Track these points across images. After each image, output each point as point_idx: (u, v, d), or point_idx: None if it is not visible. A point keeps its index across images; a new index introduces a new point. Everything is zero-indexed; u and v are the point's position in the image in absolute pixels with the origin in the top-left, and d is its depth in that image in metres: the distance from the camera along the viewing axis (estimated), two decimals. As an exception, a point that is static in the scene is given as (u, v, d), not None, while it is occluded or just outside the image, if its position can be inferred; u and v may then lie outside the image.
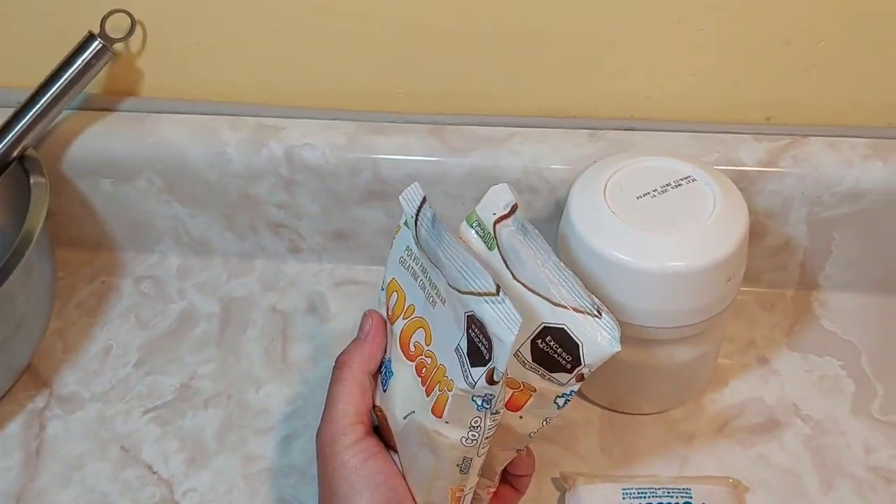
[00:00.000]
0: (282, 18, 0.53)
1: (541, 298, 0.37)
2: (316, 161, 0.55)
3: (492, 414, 0.35)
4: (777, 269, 0.56)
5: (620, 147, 0.53)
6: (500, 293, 0.33)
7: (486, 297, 0.33)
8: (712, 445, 0.49)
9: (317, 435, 0.39)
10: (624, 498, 0.44)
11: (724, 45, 0.50)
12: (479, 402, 0.34)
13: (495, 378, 0.33)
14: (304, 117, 0.56)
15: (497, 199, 0.41)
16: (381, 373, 0.40)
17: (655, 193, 0.44)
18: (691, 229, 0.42)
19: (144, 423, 0.52)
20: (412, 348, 0.38)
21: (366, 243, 0.60)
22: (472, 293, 0.34)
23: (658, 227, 0.42)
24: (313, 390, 0.53)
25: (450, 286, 0.35)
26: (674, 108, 0.54)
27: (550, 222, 0.54)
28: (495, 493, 0.42)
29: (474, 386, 0.33)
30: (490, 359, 0.33)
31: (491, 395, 0.34)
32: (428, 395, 0.36)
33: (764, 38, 0.50)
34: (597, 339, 0.36)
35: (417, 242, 0.38)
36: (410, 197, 0.40)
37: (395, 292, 0.41)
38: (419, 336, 0.38)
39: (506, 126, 0.55)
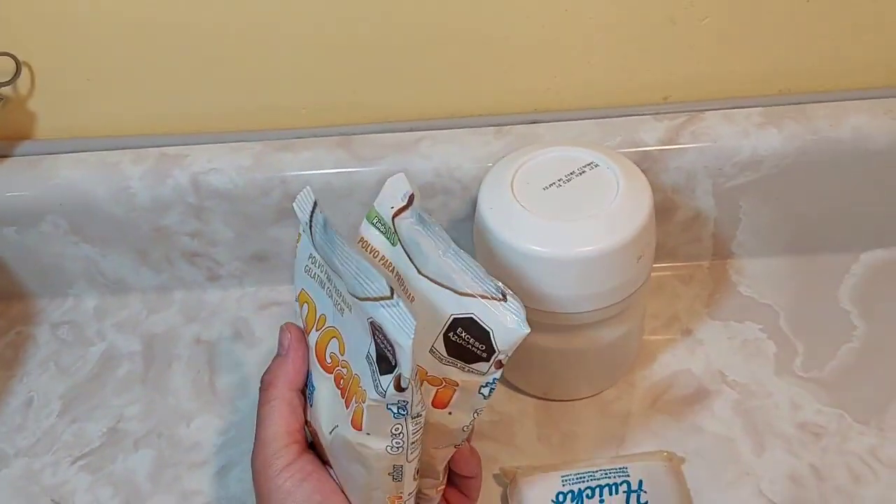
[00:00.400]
0: (174, 46, 0.52)
1: (447, 290, 0.37)
2: (224, 185, 0.54)
3: (412, 419, 0.34)
4: (691, 241, 0.58)
5: (526, 140, 0.53)
6: (395, 296, 0.32)
7: (382, 302, 0.33)
8: (647, 421, 0.50)
9: (251, 461, 0.38)
10: (563, 485, 0.45)
11: (612, 31, 0.51)
12: (395, 410, 0.34)
13: (402, 385, 0.32)
14: (207, 142, 0.56)
15: (394, 191, 0.40)
16: (306, 387, 0.40)
17: (561, 183, 0.45)
18: (597, 214, 0.43)
19: (74, 473, 0.51)
20: (328, 360, 0.37)
21: (286, 263, 0.59)
22: (369, 299, 0.33)
23: (566, 215, 0.43)
24: (245, 418, 0.53)
25: (349, 293, 0.35)
26: (574, 97, 0.55)
27: (468, 221, 0.54)
28: (447, 500, 0.42)
29: (384, 395, 0.33)
30: (396, 364, 0.32)
31: (404, 401, 0.33)
32: (347, 408, 0.35)
33: (650, 20, 0.51)
34: (505, 324, 0.35)
35: (316, 249, 0.37)
36: (303, 203, 0.38)
37: (305, 303, 0.40)
38: (333, 346, 0.37)
39: (412, 131, 0.55)
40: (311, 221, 0.38)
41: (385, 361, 0.33)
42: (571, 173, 0.45)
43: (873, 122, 0.52)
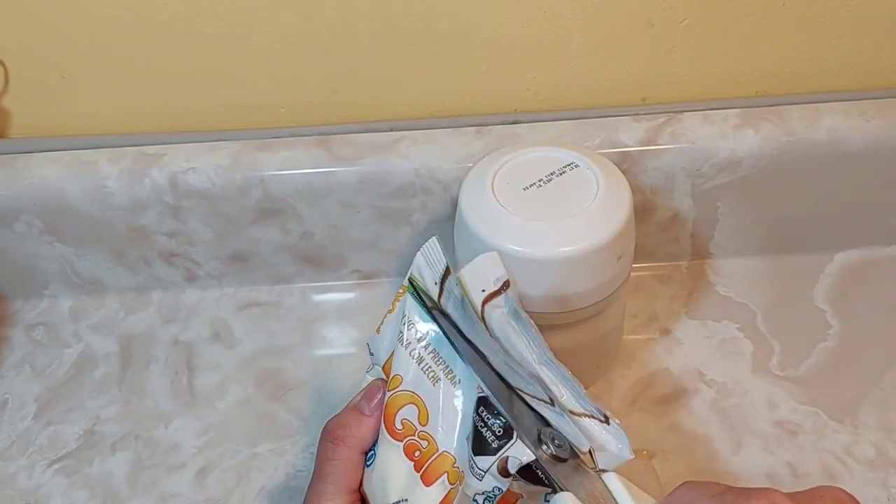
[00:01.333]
0: (150, 44, 0.51)
1: (543, 404, 0.33)
2: (202, 185, 0.54)
3: None
4: (670, 242, 0.58)
5: (507, 141, 0.53)
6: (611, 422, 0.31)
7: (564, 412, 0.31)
8: (626, 420, 0.50)
9: None
10: (544, 484, 0.45)
11: (591, 32, 0.52)
12: (481, 501, 0.31)
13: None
14: (185, 141, 0.55)
15: (485, 271, 0.35)
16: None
17: (541, 183, 0.45)
18: (577, 214, 0.43)
19: (50, 476, 0.50)
20: (399, 426, 0.35)
21: (265, 263, 0.58)
22: (544, 401, 0.31)
23: (546, 215, 0.43)
24: (224, 419, 0.52)
25: (505, 381, 0.32)
26: (554, 98, 0.55)
27: (449, 221, 0.54)
28: None
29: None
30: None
31: (500, 489, 0.31)
32: (427, 485, 0.33)
33: (628, 22, 0.51)
34: (608, 448, 0.32)
35: (436, 308, 0.34)
36: (433, 259, 0.35)
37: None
38: (410, 413, 0.34)
39: (392, 130, 0.55)
40: (442, 285, 0.35)
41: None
42: (552, 174, 0.45)
43: (848, 123, 0.53)
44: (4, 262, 0.58)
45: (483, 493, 0.31)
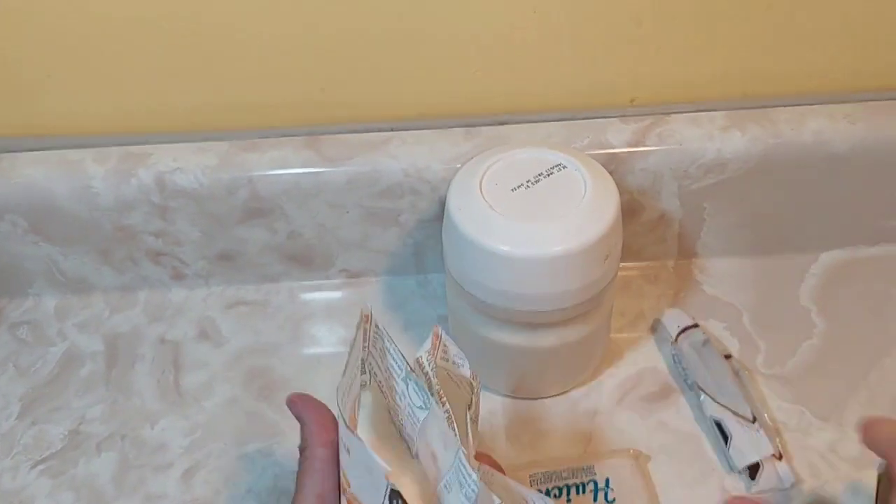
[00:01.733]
0: (138, 43, 0.51)
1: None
2: (189, 185, 0.53)
3: None
4: (657, 242, 0.58)
5: (496, 141, 0.53)
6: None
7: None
8: (614, 419, 0.50)
9: None
10: (531, 484, 0.45)
11: (579, 33, 0.52)
12: None
13: None
14: (172, 141, 0.55)
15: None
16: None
17: (529, 184, 0.45)
18: (565, 214, 0.43)
19: (34, 478, 0.50)
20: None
21: (252, 262, 0.58)
22: None
23: (534, 215, 0.43)
24: (211, 418, 0.52)
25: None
26: (542, 99, 0.55)
27: (437, 222, 0.54)
28: None
29: None
30: None
31: None
32: None
33: (616, 23, 0.51)
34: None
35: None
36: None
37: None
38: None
39: (381, 131, 0.55)
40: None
41: None
42: (539, 174, 0.46)
43: (833, 126, 0.53)
44: (-11, 261, 0.58)
45: None
